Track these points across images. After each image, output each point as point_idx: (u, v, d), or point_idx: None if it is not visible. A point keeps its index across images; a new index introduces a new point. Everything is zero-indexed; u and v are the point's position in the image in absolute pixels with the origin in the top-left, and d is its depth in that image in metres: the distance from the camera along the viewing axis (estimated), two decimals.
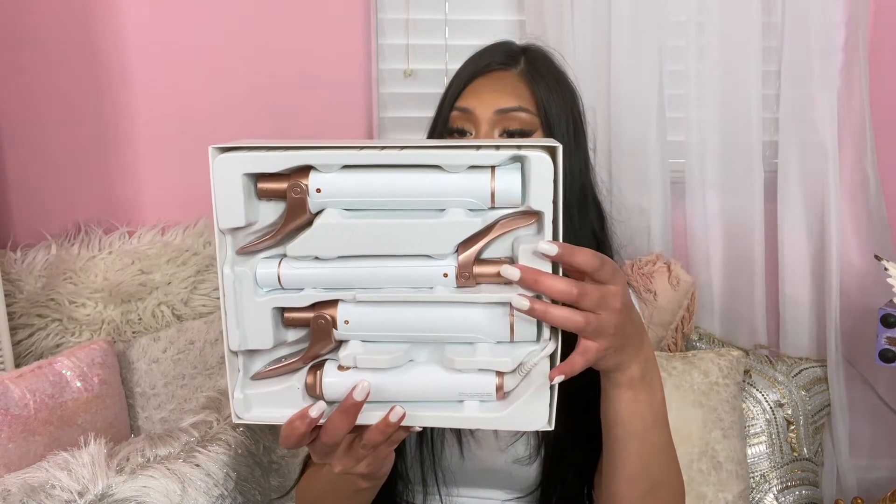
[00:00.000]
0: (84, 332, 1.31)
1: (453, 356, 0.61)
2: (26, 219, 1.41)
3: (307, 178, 0.60)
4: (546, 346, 0.61)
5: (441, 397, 0.62)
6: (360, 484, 0.70)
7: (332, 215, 0.60)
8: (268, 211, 0.62)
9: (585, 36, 1.40)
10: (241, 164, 0.60)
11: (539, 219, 0.60)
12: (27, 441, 1.05)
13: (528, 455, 0.85)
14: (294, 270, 0.61)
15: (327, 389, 0.61)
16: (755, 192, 1.46)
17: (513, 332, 0.61)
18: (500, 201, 0.60)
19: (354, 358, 0.61)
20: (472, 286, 0.61)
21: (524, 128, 0.83)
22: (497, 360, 0.60)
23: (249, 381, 0.64)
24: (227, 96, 1.43)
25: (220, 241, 0.61)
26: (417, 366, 0.62)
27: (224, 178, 0.60)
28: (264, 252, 0.62)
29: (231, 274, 0.61)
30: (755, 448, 1.37)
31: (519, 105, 0.83)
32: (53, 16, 1.37)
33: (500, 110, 0.83)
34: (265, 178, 0.61)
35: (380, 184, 0.60)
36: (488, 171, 0.59)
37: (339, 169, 0.60)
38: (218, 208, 0.60)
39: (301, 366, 0.63)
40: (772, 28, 1.47)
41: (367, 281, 0.61)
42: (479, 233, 0.60)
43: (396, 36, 1.46)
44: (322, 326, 0.62)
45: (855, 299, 1.48)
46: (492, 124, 0.83)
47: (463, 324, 0.61)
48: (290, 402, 0.63)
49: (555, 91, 0.85)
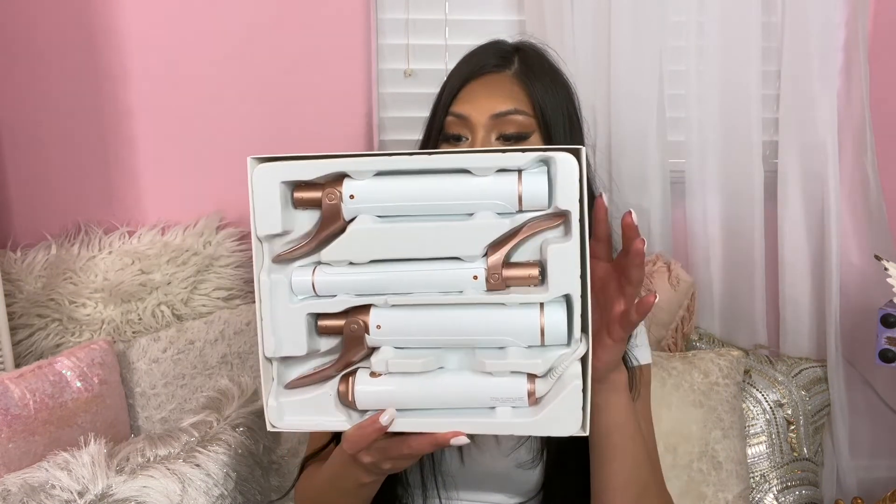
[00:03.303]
0: (84, 332, 1.32)
1: (484, 359, 0.61)
2: (26, 219, 1.41)
3: (341, 186, 0.62)
4: (577, 349, 0.61)
5: (473, 403, 0.62)
6: (362, 478, 0.71)
7: (366, 220, 0.62)
8: (303, 220, 0.64)
9: (585, 36, 1.40)
10: (278, 173, 0.62)
11: (566, 220, 0.61)
12: (27, 441, 1.05)
13: (530, 459, 0.85)
14: (327, 277, 0.63)
15: (359, 398, 0.62)
16: (755, 192, 1.46)
17: (543, 336, 0.61)
18: (527, 204, 0.61)
19: (386, 363, 0.62)
20: (502, 289, 0.62)
21: (521, 131, 0.82)
22: (529, 362, 0.61)
23: (283, 390, 0.65)
24: (227, 96, 1.43)
25: (258, 249, 0.63)
26: (448, 371, 0.63)
27: (263, 187, 0.62)
28: (300, 260, 0.64)
29: (268, 281, 0.63)
30: (755, 448, 1.37)
31: (515, 108, 0.82)
32: (53, 16, 1.37)
33: (495, 115, 0.81)
34: (301, 188, 0.63)
35: (411, 189, 0.61)
36: (515, 174, 0.61)
37: (371, 176, 0.62)
38: (256, 216, 0.62)
39: (334, 374, 0.64)
40: (772, 28, 1.47)
41: (399, 285, 0.62)
42: (508, 235, 0.62)
43: (396, 36, 1.45)
44: (355, 332, 0.63)
45: (855, 299, 1.48)
46: (488, 129, 0.82)
47: (493, 327, 0.61)
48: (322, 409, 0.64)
49: (550, 90, 0.84)
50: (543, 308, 0.61)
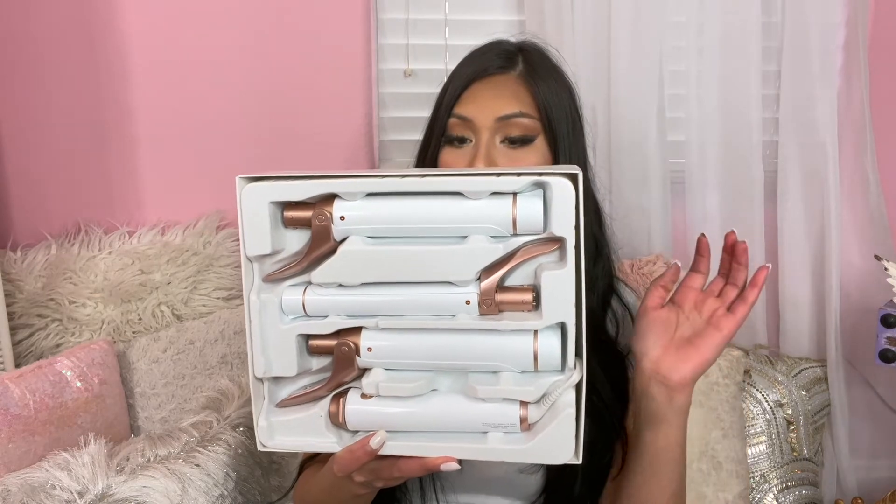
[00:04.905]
0: (84, 332, 1.31)
1: (476, 385, 0.60)
2: (26, 219, 1.41)
3: (331, 206, 0.61)
4: (571, 376, 0.60)
5: (464, 427, 0.62)
6: (357, 491, 0.70)
7: (356, 243, 0.61)
8: (293, 239, 0.63)
9: (585, 36, 1.39)
10: (268, 192, 0.61)
11: (561, 245, 0.60)
12: (27, 441, 1.05)
13: (531, 464, 0.85)
14: (318, 297, 0.62)
15: (350, 418, 0.62)
16: (755, 192, 1.46)
17: (537, 362, 0.60)
18: (521, 228, 0.60)
19: (377, 385, 0.61)
20: (495, 314, 0.60)
21: (526, 134, 0.81)
22: (521, 389, 0.60)
23: (274, 409, 0.64)
24: (227, 96, 1.43)
25: (247, 269, 0.62)
26: (440, 395, 0.62)
27: (252, 206, 0.61)
28: (290, 280, 0.63)
29: (257, 301, 0.62)
30: (755, 448, 1.37)
31: (520, 111, 0.80)
32: (54, 16, 1.37)
33: (500, 117, 0.80)
34: (291, 207, 0.62)
35: (402, 211, 0.60)
36: (510, 197, 0.59)
37: (362, 197, 0.60)
38: (245, 236, 0.62)
39: (325, 394, 0.64)
40: (772, 28, 1.47)
41: (390, 308, 0.61)
42: (502, 260, 0.60)
43: (396, 36, 1.45)
44: (345, 353, 0.62)
45: (855, 299, 1.48)
46: (492, 132, 0.80)
47: (486, 352, 0.61)
48: (313, 429, 0.63)
49: (555, 91, 0.82)
50: (537, 334, 0.60)
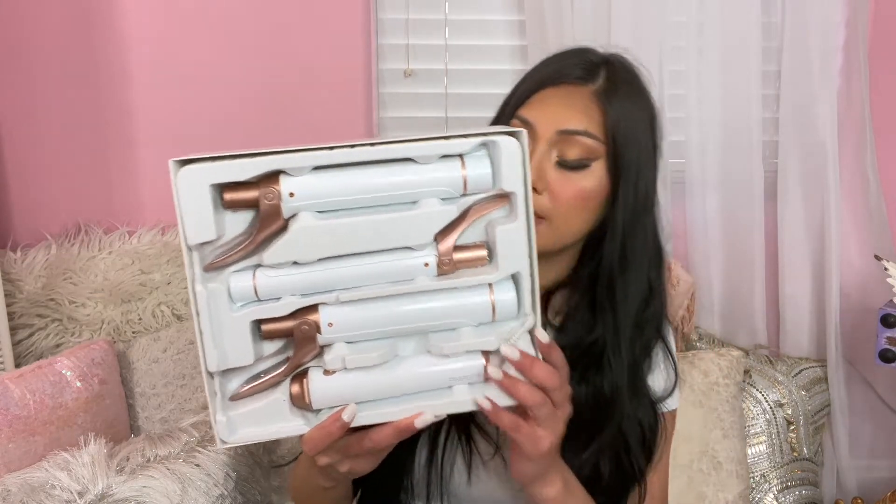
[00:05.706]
0: (84, 332, 1.32)
1: (440, 342, 0.61)
2: (26, 219, 1.41)
3: (278, 184, 0.58)
4: (526, 321, 0.62)
5: (432, 386, 0.62)
6: (323, 483, 0.70)
7: (307, 218, 0.59)
8: (233, 222, 0.60)
9: (585, 36, 1.39)
10: (207, 175, 0.57)
11: (511, 200, 0.62)
12: (27, 441, 1.05)
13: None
14: (270, 279, 0.59)
15: (315, 397, 0.60)
16: (755, 192, 1.46)
17: (494, 312, 0.62)
18: (472, 187, 0.61)
19: (343, 359, 0.60)
20: (453, 272, 0.62)
21: (584, 157, 0.74)
22: (482, 340, 0.61)
23: (230, 403, 0.62)
24: (227, 96, 1.43)
25: (189, 259, 0.58)
26: (405, 359, 0.62)
27: (190, 191, 0.57)
28: (234, 265, 0.60)
29: (204, 291, 0.58)
30: (755, 448, 1.37)
31: (585, 129, 0.74)
32: (54, 17, 1.37)
33: (563, 131, 0.74)
34: (231, 188, 0.59)
35: (353, 182, 0.59)
36: (458, 159, 0.60)
37: (310, 171, 0.59)
38: (186, 224, 0.57)
39: (283, 378, 0.62)
40: (772, 28, 1.47)
41: (348, 280, 0.60)
42: (455, 220, 0.61)
43: (396, 36, 1.45)
44: (306, 333, 0.60)
45: (855, 299, 1.48)
46: (551, 144, 0.75)
47: (446, 311, 0.62)
48: (277, 416, 0.61)
49: (630, 114, 0.76)
50: (492, 286, 0.62)
